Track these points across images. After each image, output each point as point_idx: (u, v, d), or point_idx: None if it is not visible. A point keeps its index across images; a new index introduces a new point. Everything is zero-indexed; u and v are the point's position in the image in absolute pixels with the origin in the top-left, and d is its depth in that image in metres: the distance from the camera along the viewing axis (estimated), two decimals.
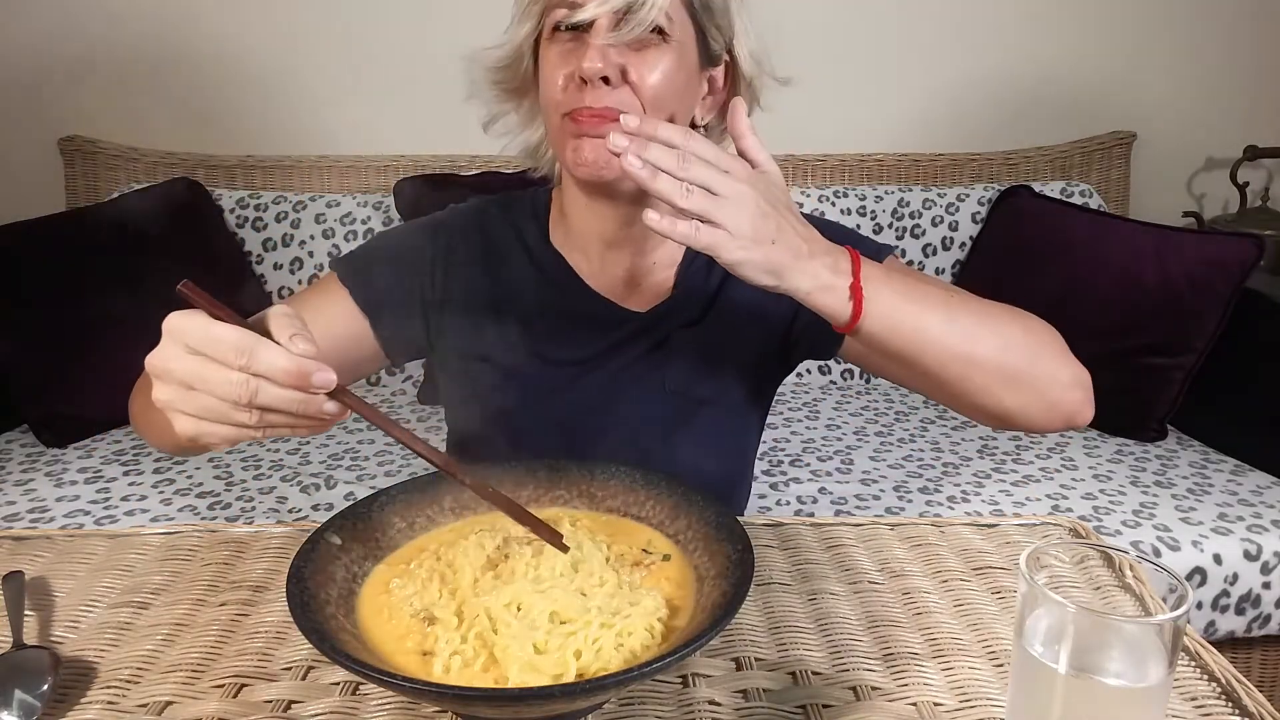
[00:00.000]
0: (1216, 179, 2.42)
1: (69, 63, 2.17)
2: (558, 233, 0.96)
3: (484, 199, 1.00)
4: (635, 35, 0.79)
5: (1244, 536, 1.49)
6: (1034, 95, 2.34)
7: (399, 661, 0.55)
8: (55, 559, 0.77)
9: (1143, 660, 0.47)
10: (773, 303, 0.91)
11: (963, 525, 0.83)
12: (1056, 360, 0.77)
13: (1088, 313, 1.85)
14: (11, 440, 1.79)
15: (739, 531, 0.62)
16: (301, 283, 2.07)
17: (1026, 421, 0.78)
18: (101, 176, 2.17)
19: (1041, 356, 0.76)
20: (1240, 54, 2.35)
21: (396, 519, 0.68)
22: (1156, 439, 1.82)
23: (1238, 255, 1.75)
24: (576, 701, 0.50)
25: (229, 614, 0.69)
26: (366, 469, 1.69)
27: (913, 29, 2.28)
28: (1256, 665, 1.61)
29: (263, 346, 0.54)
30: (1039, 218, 2.05)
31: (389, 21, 2.18)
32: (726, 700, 0.59)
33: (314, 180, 2.22)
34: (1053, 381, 0.76)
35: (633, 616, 0.56)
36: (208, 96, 2.22)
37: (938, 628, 0.67)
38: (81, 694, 0.60)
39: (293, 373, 0.54)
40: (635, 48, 0.80)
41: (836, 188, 2.21)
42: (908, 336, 0.71)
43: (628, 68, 0.79)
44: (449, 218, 0.98)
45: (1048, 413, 0.77)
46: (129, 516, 1.51)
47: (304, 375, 0.54)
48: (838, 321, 0.70)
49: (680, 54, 0.82)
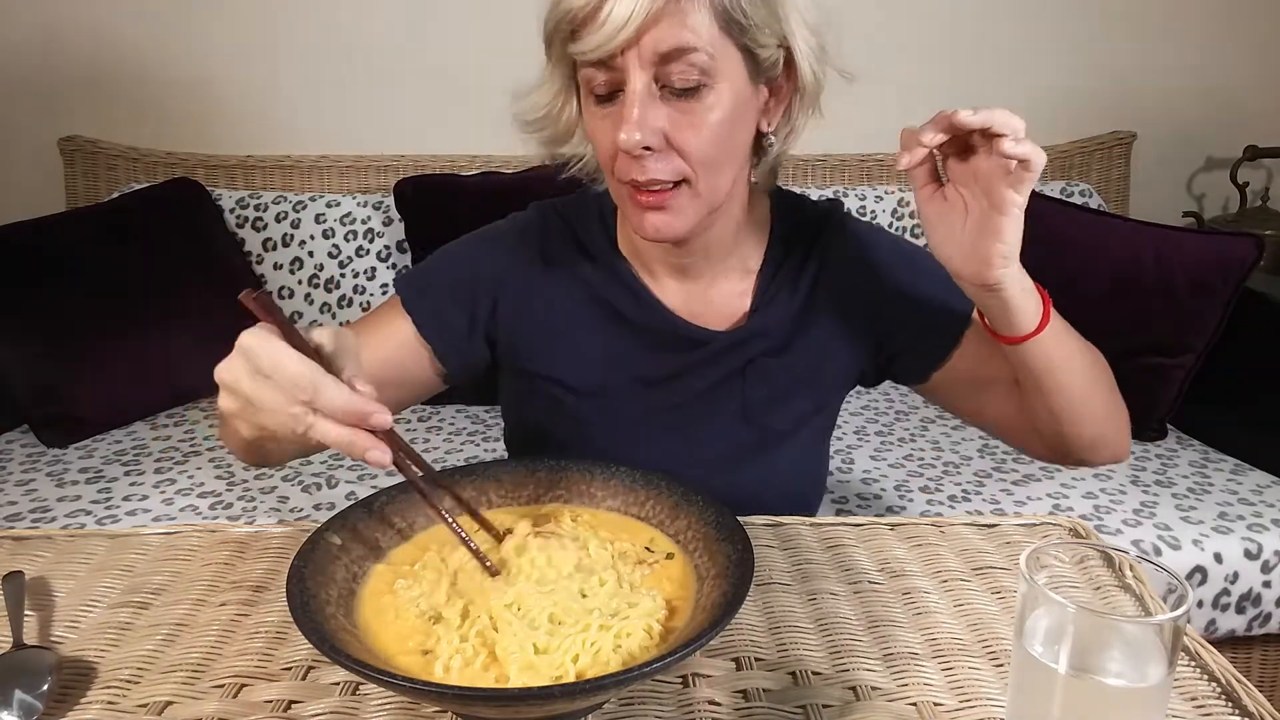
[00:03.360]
0: (1216, 179, 2.42)
1: (69, 63, 2.17)
2: (625, 240, 0.91)
3: (545, 206, 0.94)
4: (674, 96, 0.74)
5: (1244, 535, 1.49)
6: (1034, 95, 2.33)
7: (400, 662, 0.55)
8: (55, 559, 0.77)
9: (1143, 660, 0.47)
10: (860, 327, 0.92)
11: (963, 525, 0.83)
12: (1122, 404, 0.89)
13: (1087, 312, 1.83)
14: (12, 440, 1.79)
15: (739, 531, 0.62)
16: (301, 283, 2.07)
17: (1092, 454, 0.87)
18: (101, 176, 2.17)
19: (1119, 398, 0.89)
20: (1240, 54, 2.35)
21: (396, 519, 0.68)
22: (1156, 438, 1.82)
23: (1238, 255, 1.75)
24: (577, 701, 0.50)
25: (229, 614, 0.69)
26: (368, 469, 1.69)
27: (912, 29, 2.27)
28: (1256, 664, 1.61)
29: (326, 385, 0.56)
30: (1039, 218, 2.02)
31: (389, 22, 2.18)
32: (726, 700, 0.59)
33: (314, 180, 2.21)
34: (1124, 423, 0.89)
35: (631, 618, 0.57)
36: (208, 97, 2.22)
37: (938, 628, 0.67)
38: (81, 694, 0.60)
39: (352, 413, 0.56)
40: (678, 102, 0.74)
41: (836, 187, 2.21)
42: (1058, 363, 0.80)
43: (670, 133, 0.74)
44: (508, 230, 0.93)
45: (1111, 448, 0.88)
46: (131, 516, 1.51)
47: (363, 417, 0.56)
48: (1019, 329, 0.76)
49: (727, 92, 0.75)
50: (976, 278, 0.74)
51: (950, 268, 0.76)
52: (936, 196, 0.75)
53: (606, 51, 0.72)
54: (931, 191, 0.75)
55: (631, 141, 0.73)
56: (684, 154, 0.75)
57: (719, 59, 0.73)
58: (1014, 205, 0.70)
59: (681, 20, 0.71)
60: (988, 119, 0.67)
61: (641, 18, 0.70)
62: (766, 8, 0.75)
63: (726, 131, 0.77)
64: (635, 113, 0.73)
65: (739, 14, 0.73)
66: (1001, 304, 0.75)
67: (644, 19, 0.70)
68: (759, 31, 0.74)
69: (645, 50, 0.71)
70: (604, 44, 0.71)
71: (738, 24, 0.73)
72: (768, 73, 0.78)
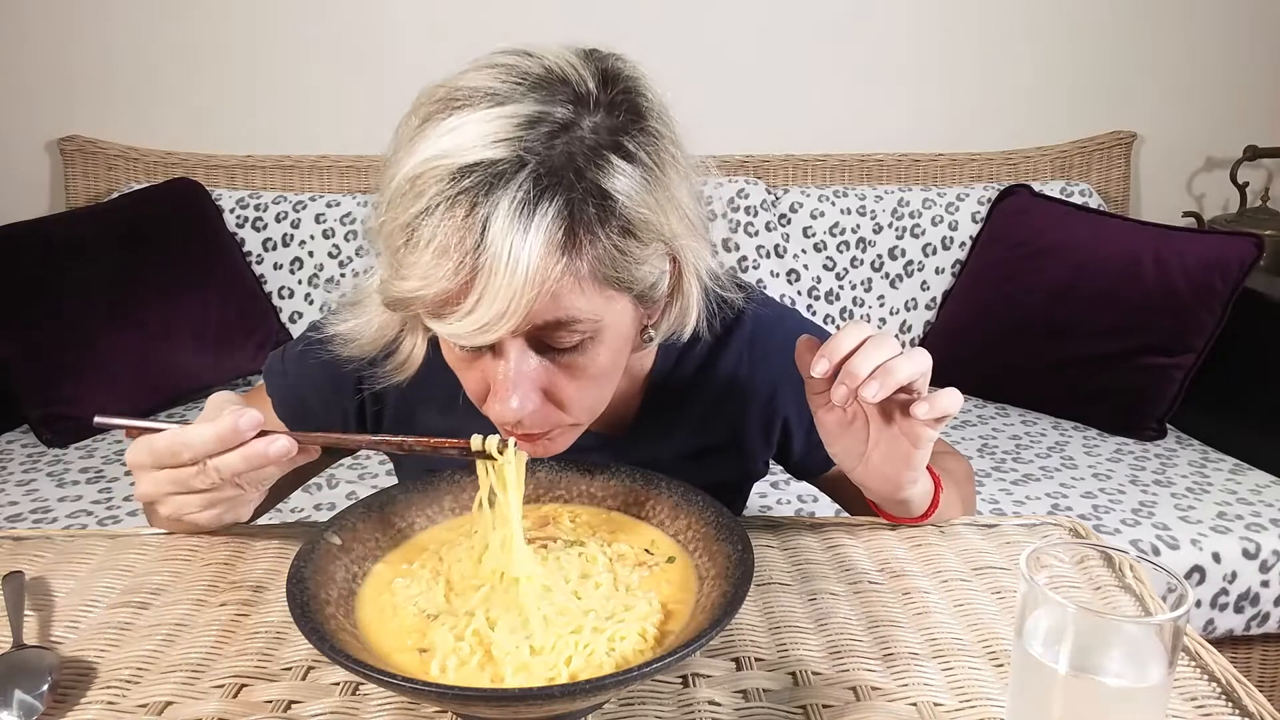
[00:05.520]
0: (1216, 179, 2.42)
1: (69, 63, 2.17)
2: None
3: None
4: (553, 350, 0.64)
5: (1243, 535, 1.49)
6: (1034, 95, 2.33)
7: (398, 660, 0.55)
8: (55, 559, 0.77)
9: (1143, 660, 0.47)
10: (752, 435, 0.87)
11: (963, 525, 0.83)
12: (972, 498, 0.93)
13: (1087, 312, 1.85)
14: (12, 440, 1.79)
15: (739, 531, 0.62)
16: (301, 283, 2.07)
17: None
18: (101, 176, 2.17)
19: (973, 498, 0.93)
20: (1240, 54, 2.35)
21: (396, 519, 0.68)
22: (1156, 438, 1.82)
23: (1238, 255, 1.76)
24: (577, 701, 0.50)
25: (229, 614, 0.69)
26: (368, 468, 1.69)
27: (913, 29, 2.27)
28: (1256, 664, 1.61)
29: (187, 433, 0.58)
30: (1039, 217, 2.05)
31: (389, 22, 2.18)
32: (726, 700, 0.59)
33: (314, 180, 2.22)
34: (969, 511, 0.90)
35: (626, 621, 0.56)
36: (208, 96, 2.22)
37: (938, 628, 0.67)
38: (81, 694, 0.60)
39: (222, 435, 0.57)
40: (557, 356, 0.64)
41: (836, 187, 2.21)
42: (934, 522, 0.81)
43: (548, 389, 0.65)
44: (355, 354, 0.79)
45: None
46: (132, 517, 1.51)
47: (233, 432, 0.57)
48: (910, 515, 0.78)
49: (611, 336, 0.65)
50: (884, 495, 0.74)
51: (853, 479, 0.74)
52: (835, 408, 0.69)
53: (476, 344, 0.61)
54: (829, 401, 0.68)
55: (509, 416, 0.64)
56: (564, 407, 0.67)
57: (604, 315, 0.63)
58: (927, 441, 0.68)
59: (557, 295, 0.59)
60: (891, 388, 0.63)
61: (522, 313, 0.58)
62: (645, 240, 0.62)
63: (610, 371, 0.68)
64: (512, 386, 0.63)
65: (624, 269, 0.62)
66: (898, 508, 0.77)
67: (524, 313, 0.58)
68: (644, 266, 0.63)
69: (519, 328, 0.60)
70: (473, 338, 0.59)
71: (621, 277, 0.62)
72: (655, 295, 0.67)
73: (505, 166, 0.57)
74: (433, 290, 0.58)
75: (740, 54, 2.24)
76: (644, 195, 0.61)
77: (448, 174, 0.57)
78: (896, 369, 0.63)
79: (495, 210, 0.56)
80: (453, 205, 0.57)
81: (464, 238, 0.57)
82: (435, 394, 0.79)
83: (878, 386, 0.63)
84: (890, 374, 0.63)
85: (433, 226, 0.58)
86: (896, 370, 0.63)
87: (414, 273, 0.58)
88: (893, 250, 2.16)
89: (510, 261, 0.56)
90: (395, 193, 0.60)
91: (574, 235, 0.59)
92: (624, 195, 0.60)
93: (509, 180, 0.57)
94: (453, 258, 0.57)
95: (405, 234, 0.59)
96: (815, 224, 2.16)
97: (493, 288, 0.57)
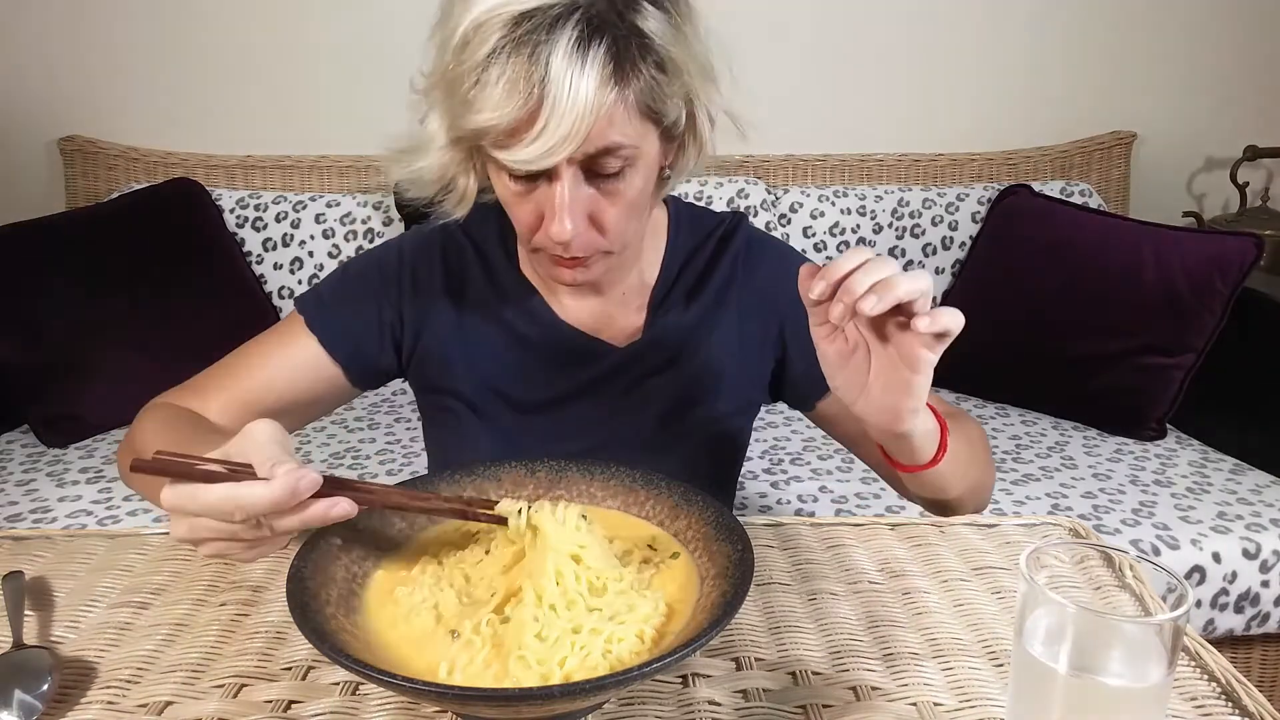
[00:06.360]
0: (1216, 179, 2.42)
1: (69, 63, 2.17)
2: (525, 258, 0.91)
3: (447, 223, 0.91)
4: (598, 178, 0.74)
5: (1243, 535, 1.49)
6: (1034, 95, 2.34)
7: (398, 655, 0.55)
8: (55, 559, 0.77)
9: (1143, 660, 0.47)
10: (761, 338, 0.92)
11: (963, 525, 0.83)
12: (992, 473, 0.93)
13: (1087, 312, 1.85)
14: (12, 440, 1.79)
15: (739, 531, 0.62)
16: (301, 283, 2.07)
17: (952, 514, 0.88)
18: (101, 176, 2.17)
19: (991, 470, 0.93)
20: (1240, 54, 2.35)
21: (397, 519, 0.68)
22: (1156, 438, 1.82)
23: (1238, 255, 1.75)
24: (577, 701, 0.50)
25: (229, 614, 0.69)
26: (368, 468, 1.69)
27: (913, 29, 2.27)
28: (1256, 664, 1.61)
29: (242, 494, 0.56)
30: (1039, 217, 2.05)
31: (389, 21, 2.18)
32: (726, 700, 0.59)
33: (314, 180, 2.22)
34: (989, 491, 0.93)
35: (627, 623, 0.56)
36: (208, 96, 2.22)
37: (938, 628, 0.67)
38: (81, 694, 0.60)
39: (278, 500, 0.56)
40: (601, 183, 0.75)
41: (836, 187, 2.21)
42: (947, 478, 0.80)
43: (593, 213, 0.76)
44: (409, 244, 0.93)
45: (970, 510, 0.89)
46: (132, 517, 1.51)
47: (291, 495, 0.56)
48: (917, 461, 0.76)
49: (644, 165, 0.76)
50: (884, 428, 0.71)
51: (854, 412, 0.72)
52: (837, 335, 0.69)
53: (542, 166, 0.70)
54: (830, 329, 0.69)
55: (565, 235, 0.73)
56: (604, 230, 0.77)
57: (641, 144, 0.74)
58: (928, 364, 0.66)
59: (610, 121, 0.70)
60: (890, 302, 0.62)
61: (582, 136, 0.68)
62: (674, 76, 0.73)
63: (642, 199, 0.78)
64: (567, 209, 0.73)
65: (659, 100, 0.73)
66: (902, 446, 0.75)
67: (584, 136, 0.68)
68: (672, 101, 0.74)
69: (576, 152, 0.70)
70: (539, 161, 0.69)
71: (657, 109, 0.73)
72: (675, 131, 0.78)
73: (559, 11, 0.67)
74: (506, 121, 0.68)
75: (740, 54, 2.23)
76: (672, 34, 0.72)
77: (509, 20, 0.67)
78: (896, 284, 0.62)
79: (555, 49, 0.66)
80: (518, 45, 0.67)
81: (530, 73, 0.67)
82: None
83: (875, 299, 0.62)
84: (889, 289, 0.62)
85: (501, 65, 0.67)
86: (896, 286, 0.62)
87: (487, 105, 0.68)
88: (893, 250, 2.16)
89: (571, 92, 0.66)
90: (459, 42, 0.69)
91: (622, 69, 0.69)
92: (657, 36, 0.71)
93: (564, 23, 0.67)
94: (521, 91, 0.67)
95: (475, 75, 0.68)
96: (815, 224, 2.16)
97: (557, 114, 0.67)
